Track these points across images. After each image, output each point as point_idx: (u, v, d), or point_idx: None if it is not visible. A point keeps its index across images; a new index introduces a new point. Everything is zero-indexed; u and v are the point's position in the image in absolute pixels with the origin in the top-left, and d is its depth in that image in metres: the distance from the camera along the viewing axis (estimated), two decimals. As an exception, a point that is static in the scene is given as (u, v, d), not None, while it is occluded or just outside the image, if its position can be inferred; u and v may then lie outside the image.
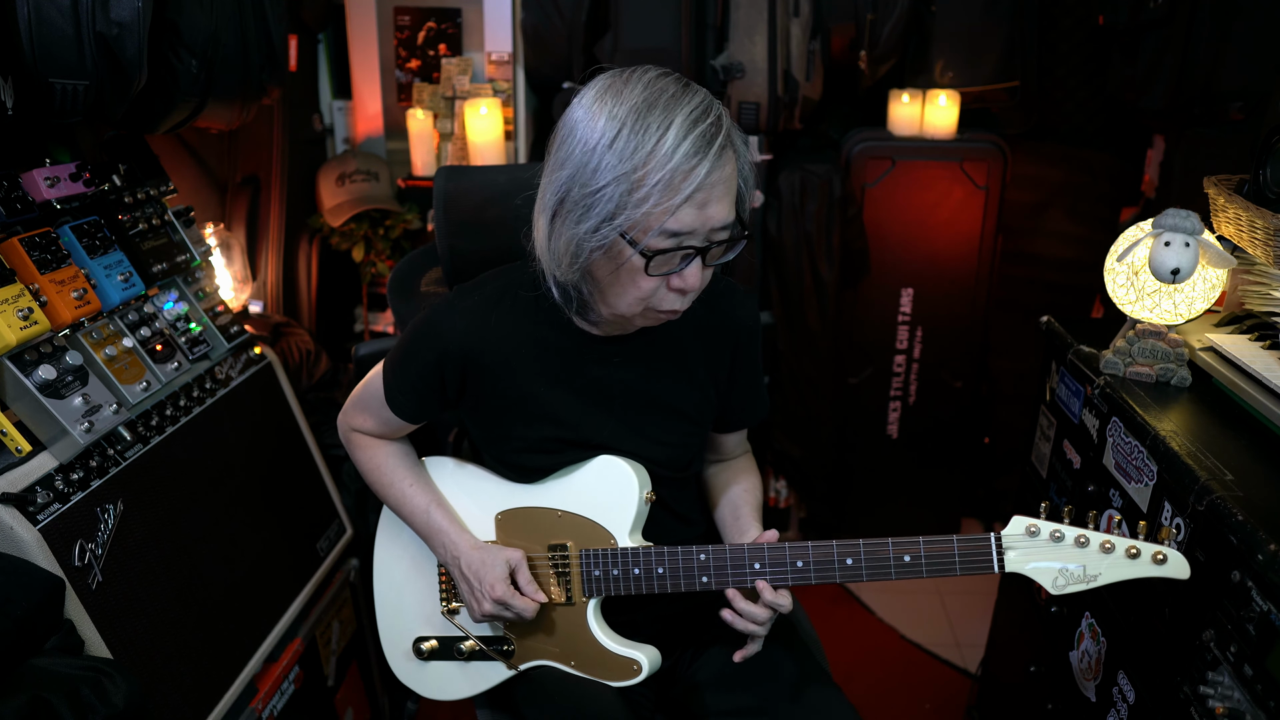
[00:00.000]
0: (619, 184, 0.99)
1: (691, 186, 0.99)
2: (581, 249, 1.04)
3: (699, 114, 1.00)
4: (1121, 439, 1.34)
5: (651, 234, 1.01)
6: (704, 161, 0.99)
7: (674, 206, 0.99)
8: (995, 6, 2.48)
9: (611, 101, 1.01)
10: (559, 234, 1.07)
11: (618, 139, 0.99)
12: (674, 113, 0.99)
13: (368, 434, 1.36)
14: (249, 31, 1.70)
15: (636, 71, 1.04)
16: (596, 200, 1.01)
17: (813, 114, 2.47)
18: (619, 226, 1.01)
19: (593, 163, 1.00)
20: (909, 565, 1.11)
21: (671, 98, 1.00)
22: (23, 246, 1.31)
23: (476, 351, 1.22)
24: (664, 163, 0.98)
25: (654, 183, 0.98)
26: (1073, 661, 1.49)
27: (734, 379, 1.32)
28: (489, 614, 1.24)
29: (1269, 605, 0.97)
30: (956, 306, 2.66)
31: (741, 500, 1.36)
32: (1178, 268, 1.28)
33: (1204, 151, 2.08)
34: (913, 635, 2.58)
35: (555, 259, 1.09)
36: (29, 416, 1.27)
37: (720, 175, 1.01)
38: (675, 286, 1.07)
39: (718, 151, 1.00)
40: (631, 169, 0.99)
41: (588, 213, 1.02)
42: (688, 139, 0.98)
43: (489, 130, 2.43)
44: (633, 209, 1.00)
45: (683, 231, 1.02)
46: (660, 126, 0.98)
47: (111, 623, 1.27)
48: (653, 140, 0.98)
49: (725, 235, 1.06)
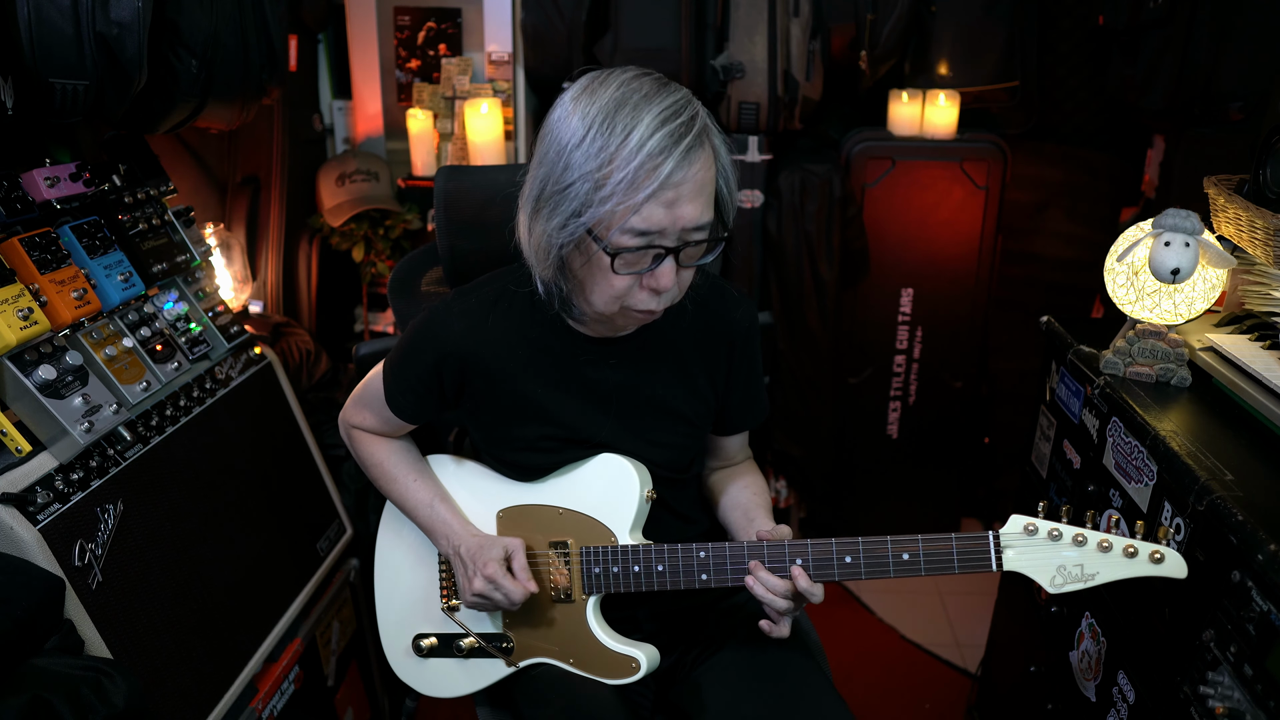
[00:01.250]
0: (584, 181, 1.01)
1: (654, 184, 0.99)
2: (553, 244, 1.06)
3: (669, 113, 1.00)
4: (1121, 439, 1.34)
5: (615, 231, 1.02)
6: (668, 159, 0.98)
7: (637, 204, 0.99)
8: (995, 6, 2.48)
9: (586, 101, 1.02)
10: (535, 230, 1.09)
11: (586, 137, 1.00)
12: (643, 112, 0.99)
13: (369, 432, 1.37)
14: (249, 31, 1.70)
15: (615, 72, 1.04)
16: (564, 197, 1.02)
17: (813, 114, 2.46)
18: (585, 223, 1.03)
19: (563, 161, 1.02)
20: (908, 563, 1.11)
21: (644, 97, 1.01)
22: (23, 246, 1.31)
23: (475, 353, 1.22)
24: (628, 160, 0.98)
25: (617, 180, 0.99)
26: (1073, 661, 1.49)
27: (732, 381, 1.32)
28: (478, 592, 1.23)
29: (1269, 605, 0.97)
30: (956, 306, 2.66)
31: (752, 503, 1.35)
32: (1178, 268, 1.28)
33: (1204, 151, 2.08)
34: (913, 635, 2.57)
35: (535, 255, 1.11)
36: (29, 416, 1.27)
37: (689, 174, 1.00)
38: (648, 286, 1.08)
39: (685, 150, 0.99)
40: (597, 166, 1.00)
41: (556, 209, 1.04)
42: (654, 137, 0.98)
43: (489, 130, 2.43)
44: (597, 206, 1.01)
45: (651, 230, 1.02)
46: (626, 126, 0.99)
47: (111, 623, 1.27)
48: (618, 139, 0.99)
49: (702, 236, 1.06)
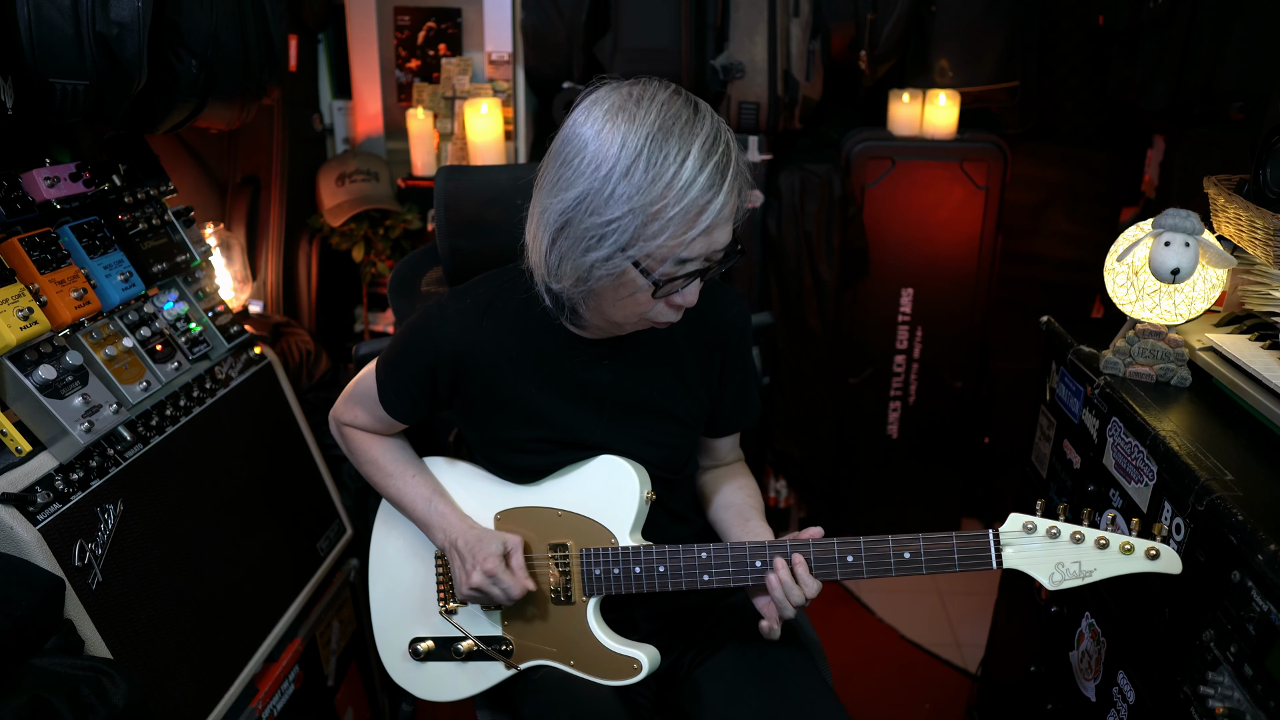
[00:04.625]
0: (635, 216, 0.99)
1: (707, 220, 1.00)
2: (591, 274, 1.04)
3: (711, 143, 1.00)
4: (1121, 439, 1.34)
5: (665, 263, 1.02)
6: (719, 195, 0.99)
7: (689, 240, 1.00)
8: (995, 6, 2.48)
9: (625, 125, 0.99)
10: (562, 254, 1.06)
11: (634, 167, 0.98)
12: (690, 142, 0.98)
13: (361, 429, 1.36)
14: (249, 31, 1.70)
15: (647, 91, 1.02)
16: (610, 230, 1.00)
17: (813, 114, 2.46)
18: (631, 256, 1.02)
19: (606, 190, 0.99)
20: (909, 562, 1.12)
21: (685, 124, 0.99)
22: (23, 246, 1.31)
23: (469, 354, 1.22)
24: (681, 196, 0.98)
25: (671, 215, 0.98)
26: (1073, 661, 1.49)
27: (725, 381, 1.32)
28: (475, 586, 1.22)
29: (1269, 605, 0.97)
30: (956, 306, 2.66)
31: (747, 504, 1.36)
32: (1178, 268, 1.28)
33: (1204, 151, 2.08)
34: (913, 635, 2.57)
35: (554, 274, 1.09)
36: (29, 416, 1.27)
37: (731, 202, 1.02)
38: (675, 304, 1.10)
39: (730, 182, 1.01)
40: (649, 201, 0.98)
41: (600, 242, 1.01)
42: (704, 172, 0.98)
43: (489, 130, 2.43)
44: (647, 240, 1.00)
45: (693, 258, 1.03)
46: (678, 157, 0.98)
47: (111, 623, 1.27)
48: (670, 172, 0.97)
49: (723, 254, 1.08)
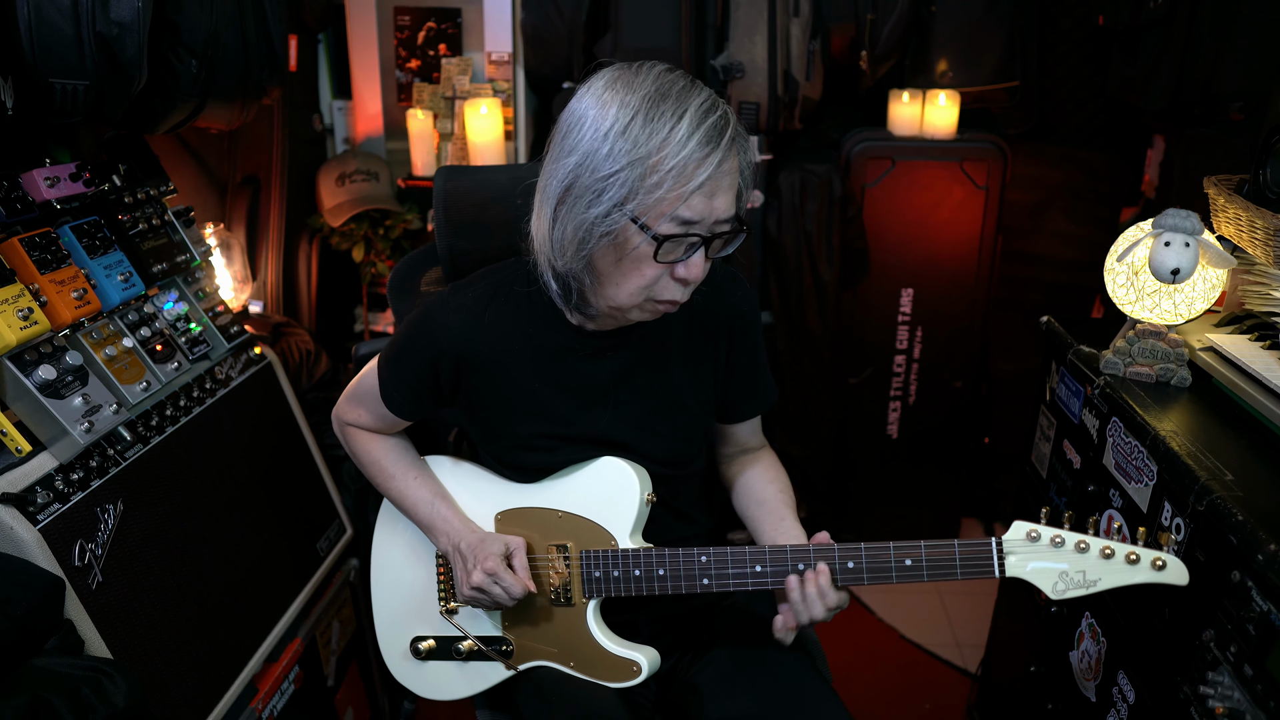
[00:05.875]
0: (633, 169, 1.01)
1: (705, 175, 1.01)
2: (591, 234, 1.05)
3: (709, 106, 1.03)
4: (1121, 439, 1.34)
5: (663, 220, 1.03)
6: (716, 151, 1.01)
7: (686, 193, 1.01)
8: (995, 6, 2.48)
9: (623, 90, 1.03)
10: (564, 221, 1.07)
11: (631, 124, 1.01)
12: (686, 103, 1.02)
13: (364, 428, 1.36)
14: (249, 31, 1.70)
15: (644, 65, 1.06)
16: (609, 184, 1.02)
17: (813, 114, 2.46)
18: (630, 211, 1.03)
19: (604, 148, 1.02)
20: (910, 569, 1.11)
21: (682, 90, 1.04)
22: (23, 246, 1.31)
23: (471, 349, 1.22)
24: (678, 149, 1.00)
25: (668, 168, 1.00)
26: (1073, 661, 1.49)
27: (733, 366, 1.31)
28: (476, 585, 1.22)
29: (1269, 605, 0.97)
30: (956, 306, 2.66)
31: (779, 501, 1.33)
32: (1178, 268, 1.28)
33: (1204, 151, 2.08)
34: (913, 635, 2.57)
35: (558, 248, 1.10)
36: (29, 416, 1.27)
37: (729, 166, 1.04)
38: (679, 276, 1.09)
39: (728, 143, 1.03)
40: (646, 154, 1.01)
41: (599, 197, 1.03)
42: (700, 128, 1.01)
43: (489, 130, 2.43)
44: (645, 194, 1.02)
45: (692, 219, 1.04)
46: (674, 115, 1.01)
47: (111, 623, 1.27)
48: (666, 127, 1.00)
49: (727, 228, 1.08)
